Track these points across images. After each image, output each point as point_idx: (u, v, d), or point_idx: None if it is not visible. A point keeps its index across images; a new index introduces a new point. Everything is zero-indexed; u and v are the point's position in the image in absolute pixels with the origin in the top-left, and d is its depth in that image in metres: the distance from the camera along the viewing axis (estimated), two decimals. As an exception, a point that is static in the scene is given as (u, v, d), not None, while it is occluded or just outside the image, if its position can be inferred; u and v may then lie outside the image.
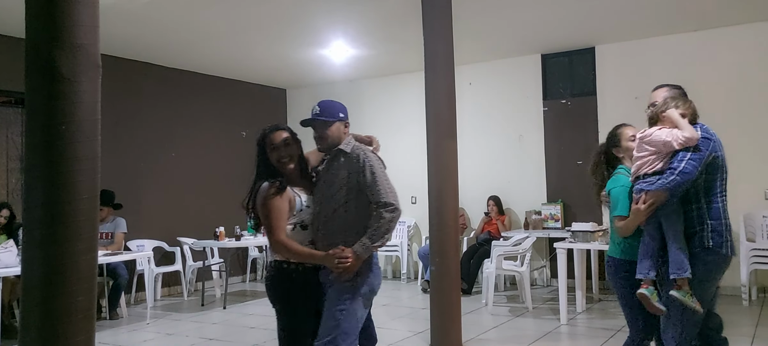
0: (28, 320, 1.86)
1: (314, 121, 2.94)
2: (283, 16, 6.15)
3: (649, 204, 2.87)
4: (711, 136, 2.93)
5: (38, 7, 1.87)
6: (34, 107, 1.87)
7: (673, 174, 2.81)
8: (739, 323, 5.64)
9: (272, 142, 2.92)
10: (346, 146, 2.94)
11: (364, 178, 2.84)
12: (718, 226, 2.86)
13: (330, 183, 2.90)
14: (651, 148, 2.94)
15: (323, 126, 2.92)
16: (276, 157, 2.92)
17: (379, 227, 2.79)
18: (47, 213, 1.85)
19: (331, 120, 2.92)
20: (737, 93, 6.83)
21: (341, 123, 2.95)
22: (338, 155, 2.93)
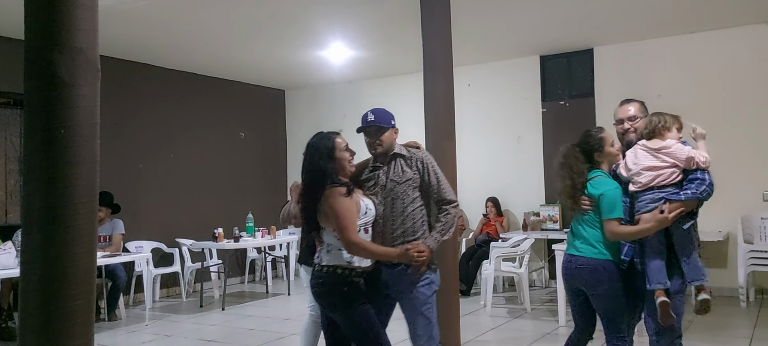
0: (27, 322, 1.86)
1: (370, 127, 3.09)
2: (281, 18, 6.16)
3: (678, 212, 2.94)
4: None
5: (37, 11, 1.87)
6: (33, 110, 1.87)
7: (704, 185, 2.98)
8: (737, 324, 5.65)
9: (342, 145, 3.01)
10: (402, 150, 3.14)
11: (428, 178, 3.07)
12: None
13: (395, 185, 3.06)
14: (671, 160, 3.05)
15: (379, 132, 3.09)
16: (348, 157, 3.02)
17: (447, 222, 3.03)
18: (46, 216, 1.85)
19: (385, 126, 3.09)
20: (734, 95, 6.84)
21: (393, 130, 3.14)
22: (396, 159, 3.12)
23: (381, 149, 3.10)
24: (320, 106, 9.58)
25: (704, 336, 5.18)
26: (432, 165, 3.11)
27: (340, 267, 2.94)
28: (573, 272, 3.21)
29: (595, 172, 3.23)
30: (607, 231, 3.06)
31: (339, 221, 2.88)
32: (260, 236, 7.63)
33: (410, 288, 2.99)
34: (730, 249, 6.75)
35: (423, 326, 3.00)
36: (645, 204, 3.05)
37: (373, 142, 3.11)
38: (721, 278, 6.81)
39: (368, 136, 3.11)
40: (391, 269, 3.03)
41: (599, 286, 3.11)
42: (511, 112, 8.14)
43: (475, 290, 7.47)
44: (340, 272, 2.93)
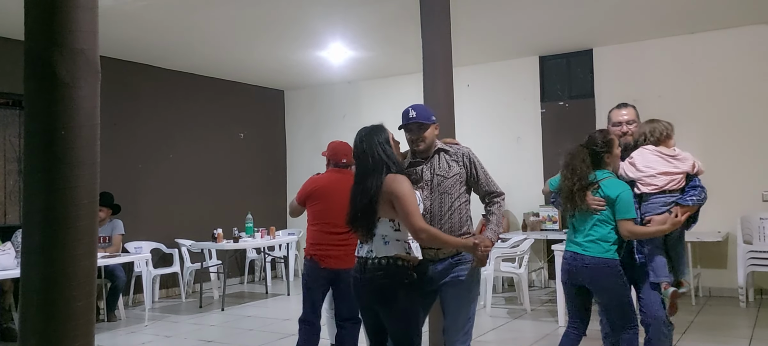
0: (28, 323, 1.86)
1: (412, 123, 3.09)
2: (281, 18, 6.16)
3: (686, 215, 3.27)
4: None
5: (38, 12, 1.87)
6: (33, 112, 1.87)
7: (703, 192, 3.30)
8: (737, 324, 5.66)
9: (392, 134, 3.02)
10: (446, 146, 3.17)
11: (475, 172, 3.13)
12: None
13: (443, 179, 3.07)
14: (682, 166, 3.30)
15: (421, 129, 3.09)
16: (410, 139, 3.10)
17: (500, 213, 3.12)
18: (46, 217, 1.85)
19: (427, 123, 3.10)
20: (734, 95, 6.85)
21: (434, 126, 3.14)
22: (440, 154, 3.14)
23: (424, 146, 3.11)
24: (320, 106, 9.58)
25: (704, 336, 5.19)
26: (477, 160, 3.16)
27: (400, 259, 2.84)
28: (579, 269, 3.32)
29: (604, 172, 3.34)
30: (625, 230, 3.22)
31: (406, 206, 2.77)
32: (260, 237, 7.62)
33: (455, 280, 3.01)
34: (729, 249, 6.76)
35: (464, 321, 3.04)
36: (657, 206, 3.28)
37: (415, 138, 3.10)
38: (720, 278, 6.82)
39: (410, 132, 3.11)
40: (437, 265, 3.03)
41: (607, 282, 3.27)
42: (511, 112, 8.14)
43: (474, 290, 7.46)
44: (402, 264, 2.83)
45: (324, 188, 4.01)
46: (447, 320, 3.09)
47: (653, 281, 3.28)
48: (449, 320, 3.08)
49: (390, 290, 2.84)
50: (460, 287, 3.03)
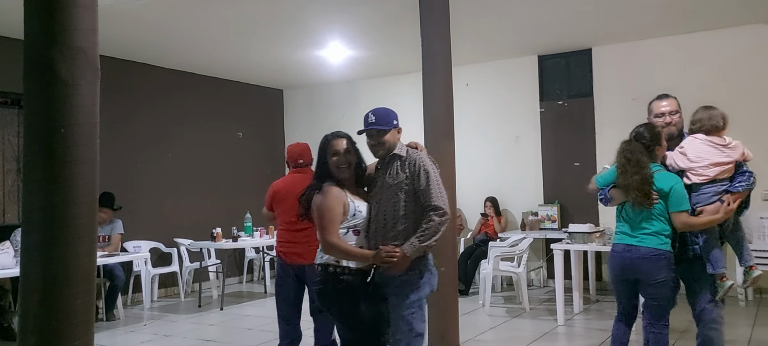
0: (27, 322, 1.85)
1: (371, 129, 3.04)
2: (280, 17, 6.15)
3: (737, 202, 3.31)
4: None
5: (37, 10, 1.86)
6: (33, 110, 1.86)
7: (752, 176, 3.37)
8: (736, 323, 5.65)
9: (333, 148, 3.05)
10: (401, 151, 3.06)
11: (419, 181, 2.95)
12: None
13: (388, 187, 3.00)
14: (734, 155, 3.35)
15: (380, 134, 3.03)
16: (335, 163, 3.03)
17: (428, 229, 2.88)
18: (46, 216, 1.85)
19: (386, 128, 3.04)
20: (733, 94, 6.84)
21: (395, 129, 3.08)
22: (394, 160, 3.04)
23: (383, 151, 3.05)
24: (318, 105, 9.58)
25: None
26: (425, 167, 2.97)
27: (331, 265, 2.98)
28: (633, 261, 3.37)
29: (654, 165, 3.39)
30: (680, 222, 3.26)
31: (318, 220, 2.95)
32: (258, 236, 7.62)
33: (397, 289, 2.93)
34: (729, 248, 6.74)
35: (403, 331, 2.91)
36: (708, 196, 3.31)
37: (374, 144, 3.06)
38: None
39: (370, 138, 3.08)
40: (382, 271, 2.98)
41: (659, 274, 3.29)
42: (510, 111, 8.14)
43: (473, 289, 7.47)
44: (332, 270, 2.97)
45: (283, 189, 4.19)
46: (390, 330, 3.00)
47: (710, 272, 3.31)
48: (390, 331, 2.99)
49: (325, 295, 3.02)
50: (397, 296, 2.94)
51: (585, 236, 5.74)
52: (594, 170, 7.55)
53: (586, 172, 7.62)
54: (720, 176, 3.31)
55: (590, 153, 7.58)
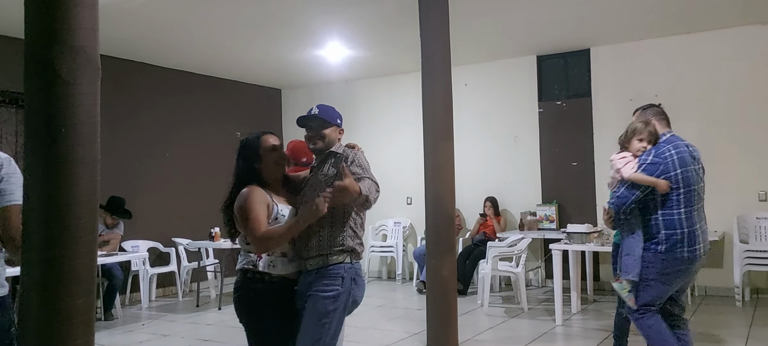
0: (28, 322, 1.85)
1: (313, 119, 2.89)
2: (278, 17, 6.15)
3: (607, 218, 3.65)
4: (661, 160, 3.40)
5: (38, 9, 1.86)
6: (33, 110, 1.86)
7: (614, 196, 3.50)
8: (733, 323, 5.67)
9: (268, 143, 2.89)
10: (337, 149, 2.93)
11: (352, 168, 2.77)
12: (672, 234, 3.36)
13: (318, 184, 2.85)
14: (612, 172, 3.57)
15: (321, 126, 2.89)
16: (274, 159, 2.88)
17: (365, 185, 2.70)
18: (47, 216, 1.84)
19: (329, 122, 2.91)
20: (730, 95, 6.87)
21: (337, 128, 2.96)
22: (329, 157, 2.91)
23: (321, 145, 2.88)
24: (317, 105, 9.56)
25: (700, 336, 5.20)
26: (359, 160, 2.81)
27: (248, 271, 2.79)
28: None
29: None
30: None
31: (244, 222, 2.71)
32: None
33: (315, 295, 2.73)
34: (725, 249, 6.78)
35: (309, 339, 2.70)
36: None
37: (313, 136, 2.88)
38: (716, 278, 6.84)
39: (309, 129, 2.90)
40: (305, 277, 2.81)
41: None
42: (508, 112, 8.15)
43: (471, 289, 7.48)
44: (251, 277, 2.78)
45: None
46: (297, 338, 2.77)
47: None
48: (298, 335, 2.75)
49: (239, 302, 2.82)
50: (313, 303, 2.72)
51: (583, 237, 5.75)
52: (592, 170, 7.58)
53: (584, 172, 7.64)
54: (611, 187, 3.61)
55: (588, 153, 7.60)
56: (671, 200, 3.35)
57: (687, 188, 3.36)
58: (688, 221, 3.35)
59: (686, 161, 3.39)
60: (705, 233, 3.46)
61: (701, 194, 3.46)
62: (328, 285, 2.74)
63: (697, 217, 3.40)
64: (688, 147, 3.48)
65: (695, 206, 3.39)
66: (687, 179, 3.36)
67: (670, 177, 3.35)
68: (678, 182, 3.35)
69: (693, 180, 3.39)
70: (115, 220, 6.79)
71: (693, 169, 3.41)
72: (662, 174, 3.35)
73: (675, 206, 3.35)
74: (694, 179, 3.40)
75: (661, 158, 3.39)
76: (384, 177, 3.54)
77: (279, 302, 2.80)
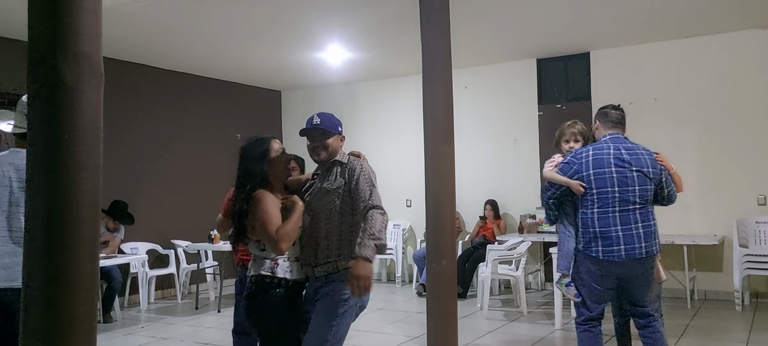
0: (30, 329, 1.84)
1: (315, 130, 2.93)
2: (279, 20, 6.15)
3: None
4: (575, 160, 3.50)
5: (41, 15, 1.85)
6: (36, 116, 1.85)
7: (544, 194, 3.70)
8: (733, 328, 5.68)
9: (276, 149, 2.92)
10: (342, 158, 2.96)
11: (356, 185, 2.84)
12: (585, 232, 3.43)
13: (325, 193, 2.88)
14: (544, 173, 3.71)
15: (324, 136, 2.92)
16: (283, 162, 2.92)
17: (375, 224, 2.72)
18: (49, 222, 1.83)
19: (331, 131, 2.94)
20: (729, 99, 6.88)
21: (339, 136, 2.99)
22: (334, 166, 2.94)
23: (324, 155, 2.92)
24: (316, 107, 9.50)
25: (701, 340, 5.21)
26: (364, 172, 2.87)
27: (266, 276, 2.81)
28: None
29: None
30: None
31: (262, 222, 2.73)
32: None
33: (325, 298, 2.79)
34: (725, 253, 6.79)
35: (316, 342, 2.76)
36: None
37: (316, 146, 2.93)
38: (716, 282, 6.84)
39: (312, 140, 2.94)
40: (314, 283, 2.87)
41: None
42: (508, 114, 8.15)
43: (471, 292, 7.48)
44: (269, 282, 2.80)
45: None
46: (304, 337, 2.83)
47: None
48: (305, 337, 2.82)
49: (255, 307, 2.82)
50: (323, 306, 2.79)
51: (583, 240, 5.73)
52: (592, 174, 7.58)
53: (583, 175, 7.65)
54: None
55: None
56: (585, 199, 3.43)
57: (600, 189, 3.37)
58: (601, 222, 3.35)
59: (602, 163, 3.39)
60: (638, 238, 3.34)
61: (631, 198, 3.35)
62: (337, 289, 2.79)
63: (621, 220, 3.33)
64: (621, 150, 3.43)
65: (615, 209, 3.34)
66: (600, 180, 3.37)
67: (582, 177, 3.42)
68: (590, 182, 3.40)
69: (609, 183, 3.36)
70: (117, 225, 6.81)
71: (612, 172, 3.36)
72: (575, 174, 3.44)
73: (589, 205, 3.41)
74: (612, 181, 3.35)
75: (576, 159, 3.49)
76: (383, 179, 3.57)
77: (293, 306, 2.86)
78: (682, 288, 6.75)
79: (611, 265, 3.38)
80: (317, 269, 2.83)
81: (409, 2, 5.15)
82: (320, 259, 2.82)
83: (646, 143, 7.70)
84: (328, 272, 2.81)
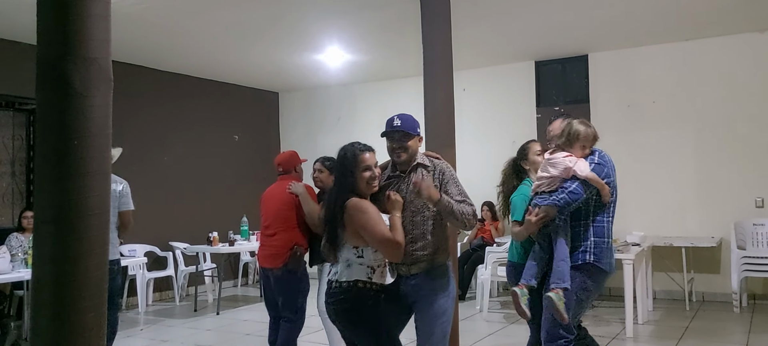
0: (40, 337, 1.84)
1: (396, 132, 2.96)
2: (278, 22, 6.14)
3: (540, 217, 3.17)
4: (605, 163, 3.22)
5: (50, 21, 1.84)
6: (46, 122, 1.84)
7: (563, 192, 3.13)
8: (732, 330, 5.70)
9: (366, 162, 2.90)
10: (425, 160, 3.03)
11: (447, 186, 2.95)
12: (600, 243, 3.16)
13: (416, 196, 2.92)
14: (553, 170, 3.20)
15: (404, 138, 2.96)
16: (369, 178, 2.90)
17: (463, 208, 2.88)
18: (58, 229, 1.83)
19: (411, 133, 2.98)
20: (727, 102, 6.90)
21: (418, 138, 3.03)
22: (418, 169, 3.00)
23: (405, 157, 2.97)
24: (314, 109, 9.56)
25: (700, 342, 5.22)
26: (452, 175, 3.01)
27: (361, 281, 2.85)
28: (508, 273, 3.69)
29: (525, 180, 3.62)
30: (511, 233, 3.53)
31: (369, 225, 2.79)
32: (255, 240, 7.59)
33: (427, 296, 2.92)
34: (723, 255, 6.81)
35: (439, 340, 2.90)
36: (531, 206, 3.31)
37: (397, 147, 2.97)
38: (714, 284, 6.87)
39: (392, 141, 2.98)
40: (408, 280, 2.96)
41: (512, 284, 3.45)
42: (506, 117, 8.16)
43: (470, 294, 7.48)
44: (362, 287, 2.84)
45: (264, 196, 4.43)
46: (419, 340, 2.96)
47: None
48: (421, 340, 2.94)
49: (353, 313, 2.87)
50: (430, 303, 2.91)
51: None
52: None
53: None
54: (538, 188, 3.26)
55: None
56: (607, 208, 3.20)
57: (615, 197, 3.24)
58: (610, 232, 3.23)
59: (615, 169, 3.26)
60: None
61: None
62: (440, 285, 2.94)
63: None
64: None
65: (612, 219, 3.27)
66: (616, 188, 3.25)
67: (610, 182, 3.19)
68: (614, 189, 3.23)
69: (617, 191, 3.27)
70: None
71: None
72: (605, 178, 3.17)
73: (606, 215, 3.20)
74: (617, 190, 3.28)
75: (605, 162, 3.22)
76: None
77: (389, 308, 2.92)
78: (680, 290, 6.78)
79: (608, 276, 3.26)
80: (413, 267, 2.93)
81: (409, 5, 5.17)
82: (417, 257, 2.92)
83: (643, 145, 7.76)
84: (427, 268, 2.93)
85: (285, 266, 4.07)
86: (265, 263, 4.18)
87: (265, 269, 4.19)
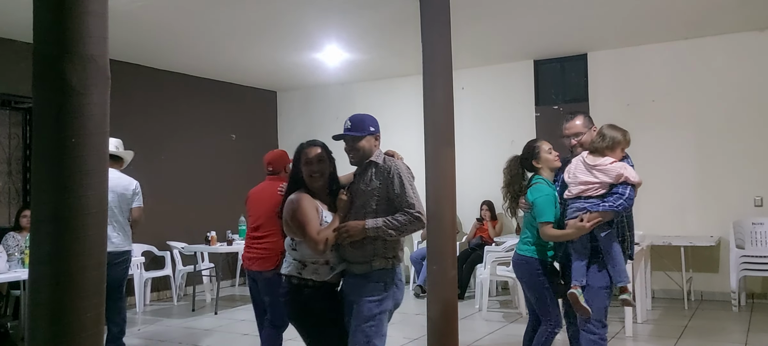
0: (37, 336, 1.81)
1: (345, 136, 3.02)
2: (276, 20, 6.12)
3: (595, 222, 3.27)
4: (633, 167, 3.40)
5: (48, 19, 1.82)
6: (43, 120, 1.82)
7: (621, 199, 3.26)
8: (731, 329, 5.70)
9: (306, 156, 3.01)
10: (377, 158, 3.03)
11: (392, 186, 2.94)
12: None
13: (361, 193, 2.98)
14: (603, 177, 3.32)
15: (354, 140, 3.00)
16: (307, 172, 2.99)
17: (397, 219, 2.89)
18: (55, 228, 1.80)
19: (361, 135, 3.00)
20: (726, 101, 6.90)
21: (372, 136, 3.05)
22: (369, 167, 3.02)
23: (358, 157, 3.04)
24: (312, 108, 9.54)
25: (699, 341, 5.22)
26: (399, 173, 2.97)
27: (294, 277, 2.96)
28: (512, 266, 3.78)
29: (536, 178, 3.62)
30: (542, 233, 3.47)
31: (297, 226, 2.88)
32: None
33: (358, 299, 2.91)
34: (722, 254, 6.81)
35: (358, 343, 2.88)
36: (572, 212, 3.40)
37: (347, 149, 3.06)
38: (713, 283, 6.87)
39: (345, 143, 3.06)
40: (348, 279, 3.00)
41: (524, 277, 3.62)
42: (505, 116, 8.15)
43: (468, 293, 7.47)
44: (296, 283, 2.95)
45: (251, 196, 4.37)
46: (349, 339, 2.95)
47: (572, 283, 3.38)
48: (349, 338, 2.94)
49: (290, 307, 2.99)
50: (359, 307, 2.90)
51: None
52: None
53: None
54: (584, 193, 3.35)
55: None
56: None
57: None
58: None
59: None
60: None
61: None
62: (373, 289, 2.91)
63: None
64: None
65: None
66: None
67: None
68: None
69: None
70: None
71: None
72: None
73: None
74: None
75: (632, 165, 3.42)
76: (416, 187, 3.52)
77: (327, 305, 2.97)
78: (679, 289, 6.78)
79: None
80: (354, 267, 2.95)
81: (408, 4, 5.15)
82: (357, 257, 2.92)
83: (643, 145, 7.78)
84: (365, 271, 2.92)
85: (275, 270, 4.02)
86: (253, 266, 4.06)
87: (253, 272, 4.09)
